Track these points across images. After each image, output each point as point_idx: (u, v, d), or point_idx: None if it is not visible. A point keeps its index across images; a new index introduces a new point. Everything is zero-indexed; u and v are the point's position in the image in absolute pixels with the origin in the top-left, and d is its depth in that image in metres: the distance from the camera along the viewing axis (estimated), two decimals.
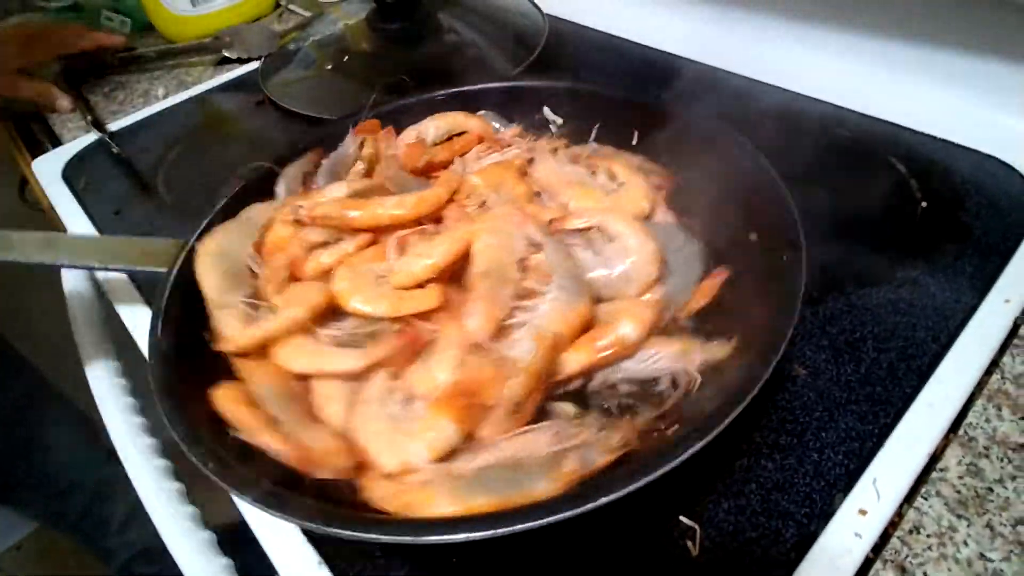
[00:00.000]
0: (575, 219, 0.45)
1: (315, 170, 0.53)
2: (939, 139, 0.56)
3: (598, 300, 0.41)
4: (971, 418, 0.40)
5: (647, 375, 0.39)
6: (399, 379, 0.38)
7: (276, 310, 0.42)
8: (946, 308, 0.44)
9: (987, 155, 0.54)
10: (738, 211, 0.43)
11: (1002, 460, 0.38)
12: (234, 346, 0.40)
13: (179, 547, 0.44)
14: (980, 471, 0.37)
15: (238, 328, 0.41)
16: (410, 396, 0.37)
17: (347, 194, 0.48)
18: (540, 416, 0.37)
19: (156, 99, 0.82)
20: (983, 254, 0.47)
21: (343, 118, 0.56)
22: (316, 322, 0.41)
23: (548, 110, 0.58)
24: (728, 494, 0.37)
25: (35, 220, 0.88)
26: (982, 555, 0.34)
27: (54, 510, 1.03)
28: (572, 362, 0.38)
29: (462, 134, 0.57)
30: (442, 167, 0.54)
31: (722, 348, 0.38)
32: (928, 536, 0.35)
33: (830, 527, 0.35)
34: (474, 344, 0.37)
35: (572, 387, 0.39)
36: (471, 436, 0.35)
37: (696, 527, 0.36)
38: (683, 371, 0.38)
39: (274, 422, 0.36)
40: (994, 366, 0.42)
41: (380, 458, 0.34)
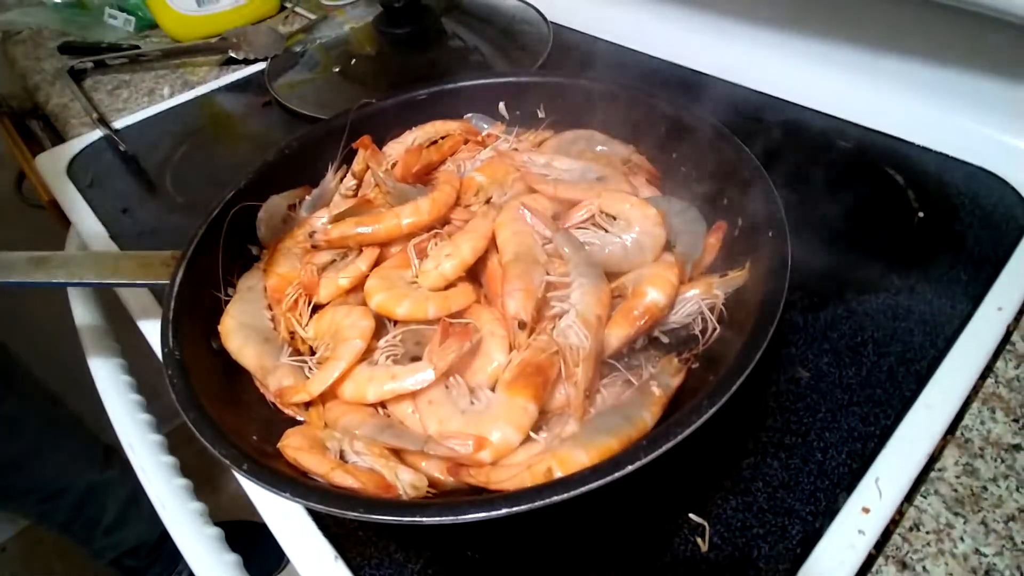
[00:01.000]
0: (576, 213, 0.47)
1: (299, 204, 0.54)
2: (936, 152, 0.58)
3: (621, 273, 0.44)
4: (967, 420, 0.41)
5: (679, 323, 0.43)
6: (448, 375, 0.39)
7: (314, 341, 0.43)
8: (942, 314, 0.46)
9: (981, 168, 0.56)
10: (721, 196, 0.46)
11: (996, 460, 0.39)
12: (309, 397, 0.40)
13: (188, 543, 0.44)
14: (975, 471, 0.39)
15: (301, 380, 0.41)
16: (470, 388, 0.39)
17: (330, 218, 0.49)
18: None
19: (161, 98, 0.82)
20: (977, 263, 0.49)
21: (332, 118, 0.57)
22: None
23: (503, 105, 0.59)
24: (736, 492, 0.38)
25: (33, 215, 0.87)
26: (977, 550, 0.36)
27: (45, 511, 1.02)
28: (613, 337, 0.40)
29: (445, 138, 0.57)
30: (434, 169, 0.55)
31: (740, 275, 0.41)
32: (927, 533, 0.37)
33: (835, 524, 0.36)
34: (520, 322, 0.39)
35: None
36: (544, 412, 0.38)
37: (705, 524, 0.37)
38: (711, 306, 0.42)
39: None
40: (988, 371, 0.43)
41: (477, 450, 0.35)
